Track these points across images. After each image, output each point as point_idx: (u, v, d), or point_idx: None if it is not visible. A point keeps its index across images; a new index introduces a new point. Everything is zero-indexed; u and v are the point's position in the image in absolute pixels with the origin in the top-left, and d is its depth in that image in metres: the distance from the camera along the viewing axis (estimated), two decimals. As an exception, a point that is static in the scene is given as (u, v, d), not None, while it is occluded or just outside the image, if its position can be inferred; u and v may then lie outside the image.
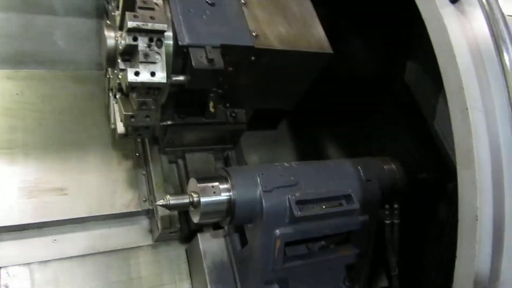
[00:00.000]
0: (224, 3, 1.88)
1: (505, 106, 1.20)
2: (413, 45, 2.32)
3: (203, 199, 1.62)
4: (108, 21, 1.88)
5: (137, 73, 1.53)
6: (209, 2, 1.84)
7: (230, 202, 1.64)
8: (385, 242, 2.02)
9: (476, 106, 1.23)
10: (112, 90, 1.91)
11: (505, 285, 1.18)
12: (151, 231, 2.14)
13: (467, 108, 1.21)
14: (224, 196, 1.64)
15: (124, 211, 2.09)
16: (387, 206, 1.98)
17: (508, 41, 1.18)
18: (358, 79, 2.67)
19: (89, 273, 1.94)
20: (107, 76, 2.00)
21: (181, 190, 2.17)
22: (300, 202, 1.70)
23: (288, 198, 1.68)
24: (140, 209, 2.11)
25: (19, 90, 2.21)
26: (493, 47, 1.23)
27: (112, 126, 1.96)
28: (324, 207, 1.76)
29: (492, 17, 1.24)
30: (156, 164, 2.14)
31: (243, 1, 1.96)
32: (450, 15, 1.30)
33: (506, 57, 1.19)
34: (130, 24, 1.48)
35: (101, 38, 1.82)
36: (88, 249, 1.98)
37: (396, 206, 2.00)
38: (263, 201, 1.65)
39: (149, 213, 2.15)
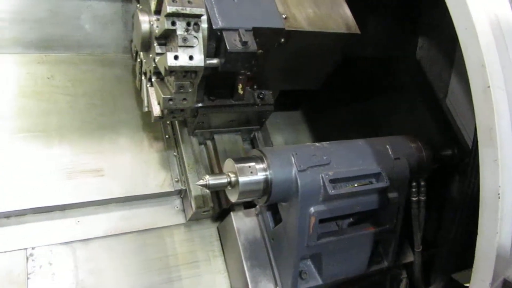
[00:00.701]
0: (254, -14, 1.90)
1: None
2: (423, 22, 2.34)
3: (241, 179, 1.67)
4: (139, 6, 1.91)
5: (176, 57, 1.56)
6: (240, -16, 1.87)
7: (266, 182, 1.70)
8: (411, 218, 2.10)
9: (498, 85, 1.25)
10: (145, 74, 1.95)
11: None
12: (183, 210, 2.21)
13: (488, 86, 1.23)
14: (260, 175, 1.70)
15: (158, 191, 2.15)
16: (414, 184, 2.05)
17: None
18: (373, 58, 2.69)
19: (127, 250, 2.03)
20: (138, 60, 2.03)
21: (211, 170, 2.23)
22: (333, 181, 1.75)
23: (322, 177, 1.74)
24: (172, 189, 2.17)
25: (50, 74, 2.25)
26: None
27: (145, 109, 2.01)
28: (355, 185, 1.81)
29: None
30: (187, 145, 2.19)
31: (272, -17, 1.97)
32: None
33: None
34: (170, 8, 1.50)
35: (134, 23, 1.84)
36: (125, 228, 2.06)
37: (422, 183, 2.07)
38: (298, 180, 1.70)
39: (181, 193, 2.21)
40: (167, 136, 2.29)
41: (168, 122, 2.30)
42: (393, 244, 2.04)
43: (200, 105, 2.02)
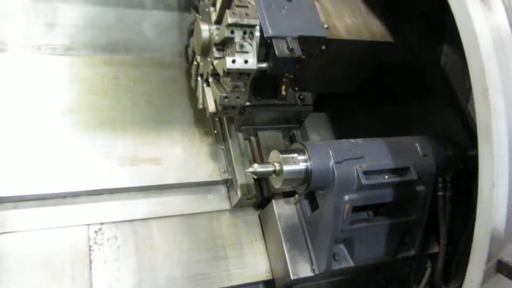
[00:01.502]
0: (299, -1, 2.15)
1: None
2: (447, 32, 2.51)
3: (285, 168, 1.91)
4: (199, 16, 2.19)
5: (233, 61, 1.83)
6: (287, -2, 2.12)
7: (307, 171, 1.93)
8: (437, 212, 2.28)
9: (495, 88, 1.41)
10: (202, 75, 2.22)
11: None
12: (229, 198, 2.47)
13: (487, 89, 1.40)
14: (302, 165, 1.93)
15: (207, 180, 2.42)
16: (440, 179, 2.23)
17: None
18: (402, 64, 2.87)
19: (180, 230, 2.29)
20: (195, 63, 2.31)
21: (254, 162, 2.48)
22: (366, 173, 1.97)
23: (356, 168, 1.95)
24: (220, 179, 2.44)
25: (115, 75, 2.57)
26: None
27: (200, 106, 2.29)
28: (386, 177, 2.02)
29: (510, 8, 1.43)
30: (234, 140, 2.46)
31: (314, -4, 2.22)
32: (474, 5, 1.47)
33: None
34: (230, 20, 1.77)
35: (194, 30, 2.12)
36: (178, 211, 2.33)
37: (448, 179, 2.25)
38: (335, 170, 1.93)
39: (227, 182, 2.47)
40: (215, 131, 2.56)
41: (216, 119, 2.57)
42: (419, 234, 2.22)
43: (247, 104, 2.28)
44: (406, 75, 2.84)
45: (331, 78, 2.43)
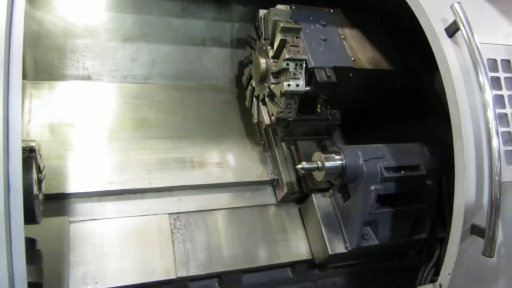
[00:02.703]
0: (332, 39, 2.81)
1: (480, 101, 1.97)
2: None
3: (327, 164, 2.54)
4: (256, 52, 2.86)
5: (288, 85, 2.48)
6: (323, 38, 2.79)
7: (342, 167, 2.55)
8: (443, 203, 2.85)
9: (463, 101, 1.98)
10: (257, 96, 2.89)
11: (483, 212, 1.93)
12: (274, 194, 3.08)
13: (457, 102, 1.99)
14: (338, 163, 2.55)
15: (258, 179, 3.04)
16: (444, 176, 2.82)
17: (479, 61, 1.95)
18: (403, 88, 3.48)
19: (238, 219, 2.89)
20: (250, 88, 2.98)
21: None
22: (387, 169, 2.57)
23: (379, 165, 2.57)
24: (268, 179, 3.06)
25: (182, 98, 3.23)
26: (472, 65, 2.00)
27: (255, 121, 2.94)
28: (402, 172, 2.63)
29: (470, 45, 1.99)
30: (279, 148, 3.09)
31: (343, 37, 2.89)
32: (447, 45, 2.06)
33: (480, 72, 1.95)
34: (287, 55, 2.44)
35: (253, 63, 2.80)
36: (236, 204, 2.95)
37: (451, 177, 2.84)
38: (364, 167, 2.54)
39: (273, 182, 3.09)
40: (263, 142, 3.20)
41: (263, 132, 3.21)
42: (429, 220, 2.80)
43: (291, 118, 2.93)
44: (410, 97, 3.47)
45: (354, 99, 3.08)
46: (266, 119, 2.78)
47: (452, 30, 2.06)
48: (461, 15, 2.00)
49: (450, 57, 2.03)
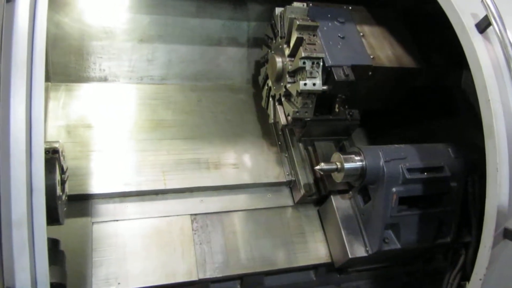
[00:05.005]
0: (350, 36, 2.74)
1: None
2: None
3: (346, 165, 2.46)
4: (272, 51, 2.81)
5: (305, 84, 2.42)
6: (341, 36, 2.71)
7: (362, 168, 2.46)
8: (468, 206, 2.73)
9: (495, 99, 1.89)
10: (273, 96, 2.83)
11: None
12: (292, 196, 3.01)
13: (489, 100, 1.89)
14: (358, 164, 2.47)
15: (274, 181, 2.98)
16: (470, 178, 2.70)
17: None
18: (428, 86, 3.37)
19: (255, 221, 2.84)
20: (266, 87, 2.93)
21: (312, 167, 3.03)
22: (409, 170, 2.48)
23: (401, 166, 2.47)
24: (284, 180, 2.99)
25: (199, 98, 3.21)
26: (505, 61, 1.92)
27: (271, 121, 2.88)
28: (425, 174, 2.53)
29: (502, 41, 1.91)
30: (296, 149, 3.02)
31: (361, 34, 2.81)
32: (478, 41, 1.97)
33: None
34: (304, 54, 2.38)
35: (269, 62, 2.74)
36: (253, 206, 2.89)
37: (476, 178, 2.72)
38: (385, 168, 2.45)
39: (291, 183, 3.02)
40: (279, 142, 3.14)
41: (280, 132, 3.15)
42: (454, 224, 2.69)
43: (308, 118, 2.86)
44: (433, 96, 3.36)
45: (374, 98, 2.99)
46: (283, 119, 2.72)
47: (483, 26, 1.97)
48: (493, 10, 1.90)
49: (481, 54, 1.94)
